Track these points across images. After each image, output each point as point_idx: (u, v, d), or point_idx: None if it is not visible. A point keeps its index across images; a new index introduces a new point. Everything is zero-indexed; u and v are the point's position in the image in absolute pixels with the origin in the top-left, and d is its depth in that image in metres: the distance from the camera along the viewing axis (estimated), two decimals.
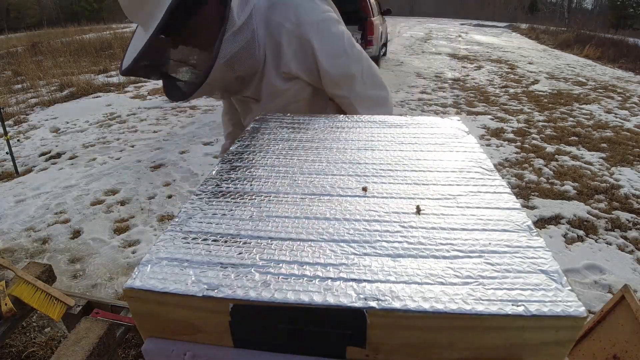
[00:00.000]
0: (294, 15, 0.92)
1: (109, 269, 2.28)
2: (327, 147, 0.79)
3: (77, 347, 0.89)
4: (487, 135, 4.48)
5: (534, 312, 0.40)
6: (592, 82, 7.57)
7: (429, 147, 0.78)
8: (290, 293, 0.42)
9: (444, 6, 30.58)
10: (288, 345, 0.45)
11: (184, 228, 0.54)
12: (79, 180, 3.46)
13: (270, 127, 0.90)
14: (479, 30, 19.32)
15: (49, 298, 1.09)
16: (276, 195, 0.62)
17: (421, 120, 0.92)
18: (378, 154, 0.75)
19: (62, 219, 2.83)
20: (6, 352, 1.69)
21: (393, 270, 0.45)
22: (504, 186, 0.63)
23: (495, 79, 7.65)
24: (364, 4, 6.82)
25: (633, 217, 2.81)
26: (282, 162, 0.73)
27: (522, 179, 3.41)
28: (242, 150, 0.79)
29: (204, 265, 0.47)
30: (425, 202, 0.59)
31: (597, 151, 4.06)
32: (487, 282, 0.43)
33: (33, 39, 13.24)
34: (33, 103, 6.08)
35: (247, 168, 0.71)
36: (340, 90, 1.01)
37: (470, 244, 0.50)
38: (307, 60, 0.96)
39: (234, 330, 0.45)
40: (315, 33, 0.93)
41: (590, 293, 2.09)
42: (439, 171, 0.68)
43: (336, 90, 1.02)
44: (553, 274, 0.44)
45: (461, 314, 0.40)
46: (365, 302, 0.41)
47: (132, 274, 0.46)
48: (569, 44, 13.23)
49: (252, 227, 0.54)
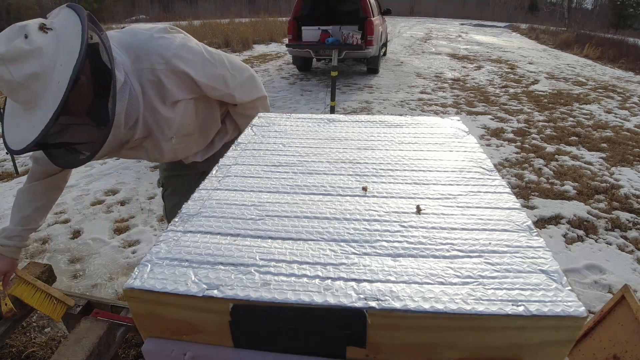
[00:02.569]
0: (159, 57, 1.05)
1: (109, 269, 2.28)
2: (327, 146, 0.78)
3: (77, 347, 0.89)
4: (487, 135, 4.48)
5: (534, 312, 0.40)
6: (592, 82, 7.57)
7: (429, 147, 0.78)
8: (290, 293, 0.42)
9: (444, 6, 30.59)
10: (288, 345, 0.45)
11: (184, 228, 0.54)
12: (79, 180, 3.45)
13: (270, 127, 0.90)
14: (479, 30, 19.32)
15: (49, 298, 1.09)
16: (276, 195, 0.62)
17: (421, 120, 0.92)
18: (378, 153, 0.75)
19: (62, 219, 2.83)
20: (6, 352, 1.69)
21: (393, 270, 0.45)
22: (504, 186, 0.63)
23: (495, 79, 7.65)
24: (364, 4, 6.81)
25: (633, 217, 2.81)
26: (282, 162, 0.73)
27: (522, 179, 3.41)
28: (242, 150, 0.79)
29: (204, 265, 0.47)
30: (425, 202, 0.59)
31: (597, 151, 4.06)
32: (487, 282, 0.43)
33: None
34: None
35: (247, 168, 0.71)
36: (221, 90, 1.17)
37: (470, 244, 0.50)
38: (187, 84, 1.12)
39: (234, 330, 0.45)
40: (182, 62, 1.07)
41: (590, 293, 2.09)
42: (439, 171, 0.68)
43: (218, 92, 1.18)
44: (553, 274, 0.44)
45: (461, 314, 0.40)
46: (365, 302, 0.41)
47: (132, 274, 0.46)
48: (569, 44, 13.23)
49: (252, 227, 0.54)
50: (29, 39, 0.82)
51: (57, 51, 0.84)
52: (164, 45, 1.06)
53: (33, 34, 0.82)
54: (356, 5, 7.06)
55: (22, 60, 0.81)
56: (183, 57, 1.07)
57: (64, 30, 0.87)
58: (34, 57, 0.82)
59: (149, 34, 1.07)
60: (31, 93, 0.84)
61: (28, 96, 0.84)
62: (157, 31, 1.08)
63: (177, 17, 20.63)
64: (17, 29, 0.83)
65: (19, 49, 0.81)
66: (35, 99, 0.84)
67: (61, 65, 0.83)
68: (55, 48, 0.84)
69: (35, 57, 0.82)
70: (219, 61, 1.16)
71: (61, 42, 0.85)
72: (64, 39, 0.85)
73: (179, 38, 1.11)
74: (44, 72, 0.83)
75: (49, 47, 0.84)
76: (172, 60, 1.06)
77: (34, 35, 0.82)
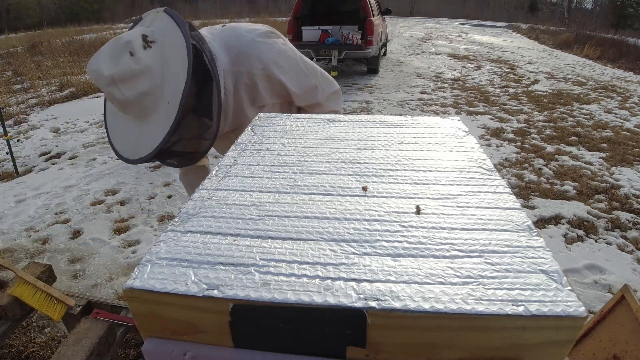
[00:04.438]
0: (258, 62, 1.08)
1: (109, 269, 2.28)
2: (327, 146, 0.79)
3: (77, 347, 0.89)
4: (487, 135, 4.48)
5: (534, 312, 0.40)
6: (592, 82, 7.57)
7: (429, 147, 0.78)
8: (290, 293, 0.42)
9: (444, 6, 30.57)
10: (288, 345, 0.45)
11: (184, 228, 0.54)
12: (79, 180, 3.45)
13: (270, 127, 0.90)
14: (479, 30, 19.31)
15: (49, 298, 1.09)
16: (276, 195, 0.62)
17: (421, 120, 0.92)
18: (378, 153, 0.75)
19: (62, 219, 2.83)
20: (6, 352, 1.69)
21: (393, 270, 0.45)
22: (504, 186, 0.63)
23: (495, 79, 7.65)
24: (364, 4, 6.81)
25: (633, 217, 2.81)
26: (282, 162, 0.73)
27: (522, 179, 3.41)
28: (242, 150, 0.79)
29: (204, 265, 0.47)
30: (425, 202, 0.59)
31: (597, 151, 4.06)
32: (487, 282, 0.43)
33: (33, 39, 13.24)
34: (33, 103, 6.08)
35: (247, 168, 0.71)
36: (309, 100, 1.20)
37: (470, 244, 0.50)
38: (278, 90, 1.15)
39: (234, 330, 0.45)
40: (279, 70, 1.10)
41: (590, 293, 2.09)
42: (439, 171, 0.68)
43: (305, 102, 1.21)
44: (553, 274, 0.44)
45: (461, 314, 0.40)
46: (365, 302, 0.41)
47: (132, 274, 0.46)
48: (569, 44, 13.22)
49: (252, 227, 0.54)
50: (136, 57, 0.83)
51: (164, 67, 0.86)
52: (264, 51, 1.09)
53: (138, 51, 0.84)
54: (356, 5, 7.06)
55: (132, 80, 0.83)
56: (280, 65, 1.11)
57: (167, 42, 0.87)
58: (144, 77, 0.84)
59: (251, 38, 1.09)
60: (142, 109, 0.87)
61: (138, 111, 0.87)
62: (258, 35, 1.11)
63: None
64: (121, 46, 0.84)
65: (129, 70, 0.82)
66: (145, 113, 0.87)
67: (169, 84, 0.85)
68: (162, 64, 0.86)
69: (145, 76, 0.84)
70: (313, 72, 1.20)
71: (166, 57, 0.87)
72: (168, 54, 0.87)
73: (279, 44, 1.13)
74: (154, 89, 0.85)
75: (156, 65, 0.85)
76: (270, 66, 1.09)
77: (140, 53, 0.84)
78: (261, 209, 0.58)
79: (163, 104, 0.85)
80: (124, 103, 0.85)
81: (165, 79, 0.85)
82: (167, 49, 0.87)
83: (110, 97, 0.85)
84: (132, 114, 0.88)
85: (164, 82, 0.85)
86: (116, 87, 0.83)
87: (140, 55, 0.83)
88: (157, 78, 0.85)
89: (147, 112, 0.87)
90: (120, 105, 0.87)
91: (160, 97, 0.86)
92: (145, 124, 0.88)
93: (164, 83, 0.85)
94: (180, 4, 27.55)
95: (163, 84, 0.85)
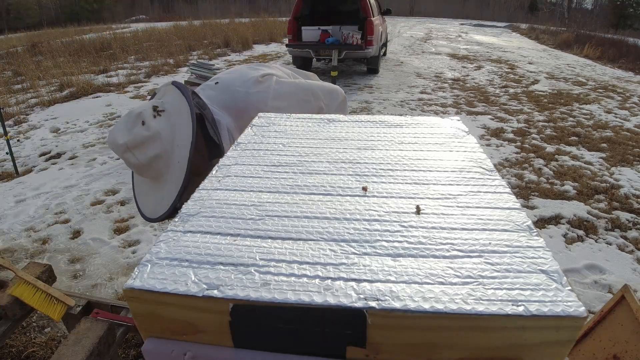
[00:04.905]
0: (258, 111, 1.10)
1: (109, 269, 2.28)
2: (327, 146, 0.79)
3: (77, 347, 0.89)
4: (487, 135, 4.48)
5: (534, 312, 0.40)
6: (592, 82, 7.57)
7: (429, 147, 0.78)
8: (290, 293, 0.42)
9: (444, 6, 30.56)
10: (288, 345, 0.45)
11: (184, 228, 0.54)
12: (79, 180, 3.45)
13: (270, 127, 0.90)
14: (479, 30, 19.31)
15: (49, 298, 1.09)
16: (276, 195, 0.62)
17: (421, 120, 0.92)
18: (378, 153, 0.75)
19: (62, 219, 2.83)
20: (6, 352, 1.69)
21: (393, 270, 0.45)
22: (504, 186, 0.63)
23: (495, 79, 7.64)
24: (364, 4, 6.81)
25: (633, 217, 2.81)
26: (282, 162, 0.73)
27: (522, 179, 3.41)
28: (242, 150, 0.79)
29: (204, 265, 0.47)
30: (425, 202, 0.59)
31: (597, 151, 4.06)
32: (487, 282, 0.43)
33: (33, 39, 13.23)
34: (33, 103, 6.08)
35: (247, 168, 0.71)
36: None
37: (470, 244, 0.50)
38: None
39: (234, 330, 0.45)
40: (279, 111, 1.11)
41: (590, 293, 2.09)
42: (439, 171, 0.68)
43: None
44: (553, 274, 0.44)
45: (461, 314, 0.40)
46: (365, 302, 0.41)
47: (132, 274, 0.46)
48: (569, 44, 13.22)
49: (252, 227, 0.54)
50: (146, 125, 0.93)
51: (173, 132, 0.95)
52: (261, 100, 1.14)
53: (149, 119, 0.94)
54: (356, 5, 7.06)
55: (143, 145, 0.92)
56: (280, 107, 1.14)
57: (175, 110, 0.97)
58: (154, 142, 0.93)
59: (244, 92, 1.14)
60: (156, 171, 0.96)
61: (154, 174, 0.96)
62: (250, 85, 1.15)
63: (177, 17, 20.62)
64: (134, 117, 0.94)
65: (140, 137, 0.91)
66: (160, 175, 0.96)
67: (178, 146, 0.94)
68: (171, 130, 0.95)
69: (155, 141, 0.93)
70: (313, 95, 1.22)
71: (174, 123, 0.96)
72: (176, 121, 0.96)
73: (272, 85, 1.17)
74: (165, 152, 0.94)
75: (165, 130, 0.94)
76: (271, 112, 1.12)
77: (150, 122, 0.93)
78: (261, 209, 0.58)
79: (174, 166, 0.94)
80: (138, 167, 0.94)
81: (174, 143, 0.95)
82: (175, 116, 0.96)
83: (127, 162, 0.94)
84: (148, 176, 0.98)
85: (173, 145, 0.95)
86: (131, 153, 0.92)
87: (151, 124, 0.93)
88: (166, 142, 0.94)
89: (160, 174, 0.96)
90: (137, 169, 0.96)
91: (170, 159, 0.95)
92: (161, 185, 0.97)
93: (173, 147, 0.95)
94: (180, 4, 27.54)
95: (172, 148, 0.95)
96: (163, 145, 0.94)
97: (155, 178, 0.98)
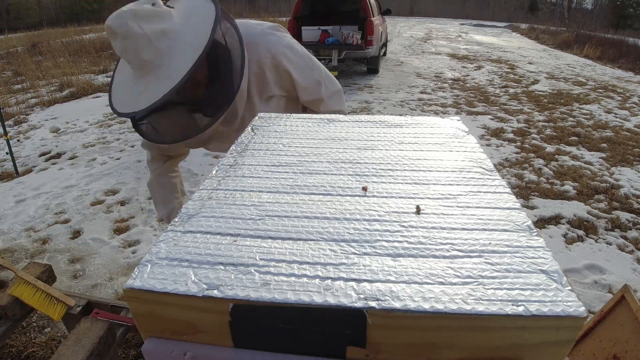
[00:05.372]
0: (267, 51, 1.11)
1: (109, 269, 2.28)
2: (327, 146, 0.78)
3: (77, 347, 0.89)
4: (487, 135, 4.48)
5: (534, 312, 0.40)
6: (592, 82, 7.56)
7: (429, 147, 0.78)
8: (290, 293, 0.42)
9: (444, 6, 30.56)
10: (288, 345, 0.45)
11: (184, 228, 0.54)
12: (79, 180, 3.45)
13: (271, 127, 0.90)
14: (479, 30, 19.31)
15: (49, 298, 1.09)
16: (276, 195, 0.62)
17: (421, 120, 0.92)
18: (378, 153, 0.75)
19: (62, 219, 2.83)
20: (6, 352, 1.69)
21: (393, 270, 0.45)
22: (504, 186, 0.63)
23: (495, 79, 7.64)
24: (364, 4, 6.81)
25: (633, 217, 2.81)
26: (282, 162, 0.73)
27: (522, 179, 3.41)
28: (242, 150, 0.79)
29: (204, 265, 0.47)
30: (425, 202, 0.59)
31: (597, 151, 4.06)
32: (487, 282, 0.43)
33: (33, 39, 13.23)
34: (33, 103, 6.08)
35: (247, 168, 0.71)
36: (313, 95, 1.23)
37: (470, 244, 0.50)
38: (284, 81, 1.18)
39: (234, 330, 0.45)
40: (287, 60, 1.14)
41: (590, 293, 2.09)
42: (439, 171, 0.68)
43: (310, 96, 1.23)
44: (553, 274, 0.44)
45: (461, 314, 0.40)
46: (365, 302, 0.41)
47: (132, 274, 0.46)
48: (569, 44, 13.21)
49: (252, 227, 0.54)
50: (157, 5, 0.90)
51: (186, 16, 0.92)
52: (274, 42, 1.13)
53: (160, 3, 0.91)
54: (356, 5, 7.06)
55: (152, 18, 0.88)
56: (288, 56, 1.14)
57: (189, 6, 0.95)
58: (163, 19, 0.89)
59: (261, 29, 1.14)
60: (154, 51, 0.87)
61: (151, 54, 0.88)
62: (267, 27, 1.16)
63: None
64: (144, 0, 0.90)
65: (150, 9, 0.88)
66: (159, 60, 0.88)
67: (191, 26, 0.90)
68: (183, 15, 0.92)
69: (165, 18, 0.89)
70: (318, 68, 1.23)
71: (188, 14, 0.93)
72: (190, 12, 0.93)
73: (287, 38, 1.18)
74: (173, 31, 0.89)
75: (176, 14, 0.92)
76: (278, 56, 1.13)
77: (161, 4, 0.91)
78: (261, 209, 0.58)
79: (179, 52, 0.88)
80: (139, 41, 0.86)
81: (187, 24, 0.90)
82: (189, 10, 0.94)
83: (129, 32, 0.85)
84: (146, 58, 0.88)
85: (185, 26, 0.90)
86: (136, 22, 0.85)
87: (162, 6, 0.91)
88: (176, 22, 0.90)
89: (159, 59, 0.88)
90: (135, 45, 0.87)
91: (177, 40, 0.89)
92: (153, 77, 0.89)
93: (185, 27, 0.90)
94: None
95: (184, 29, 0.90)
96: (172, 24, 0.89)
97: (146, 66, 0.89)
